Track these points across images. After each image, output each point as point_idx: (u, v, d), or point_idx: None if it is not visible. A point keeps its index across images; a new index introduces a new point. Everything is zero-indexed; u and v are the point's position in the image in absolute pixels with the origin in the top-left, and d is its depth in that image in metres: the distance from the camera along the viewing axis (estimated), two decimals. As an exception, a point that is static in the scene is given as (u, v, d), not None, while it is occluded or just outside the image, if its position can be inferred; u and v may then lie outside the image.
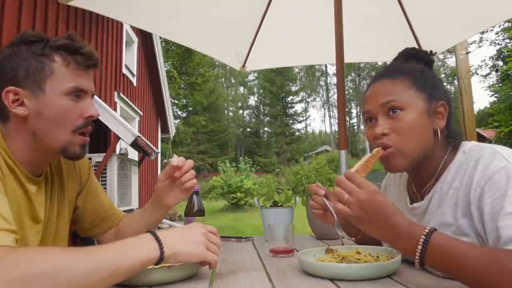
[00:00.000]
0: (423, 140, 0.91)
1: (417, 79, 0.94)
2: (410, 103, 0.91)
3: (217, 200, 15.96)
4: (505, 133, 9.99)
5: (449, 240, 0.72)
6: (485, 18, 2.28)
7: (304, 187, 1.54)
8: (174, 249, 0.81)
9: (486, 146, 0.87)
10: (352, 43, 2.22)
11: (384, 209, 0.76)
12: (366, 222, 0.77)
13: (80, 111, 0.93)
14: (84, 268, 0.67)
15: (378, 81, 0.97)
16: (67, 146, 0.93)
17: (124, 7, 2.14)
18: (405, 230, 0.74)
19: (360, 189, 0.78)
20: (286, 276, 0.92)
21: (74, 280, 0.66)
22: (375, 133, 0.93)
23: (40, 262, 0.65)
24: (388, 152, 0.91)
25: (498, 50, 18.00)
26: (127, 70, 6.95)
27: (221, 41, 2.60)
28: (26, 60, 0.89)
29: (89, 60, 0.95)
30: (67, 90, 0.91)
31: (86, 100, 0.95)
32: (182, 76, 19.97)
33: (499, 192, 0.76)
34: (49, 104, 0.89)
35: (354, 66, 40.06)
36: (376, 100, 0.94)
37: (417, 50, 1.06)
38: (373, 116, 0.95)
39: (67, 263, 0.67)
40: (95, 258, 0.70)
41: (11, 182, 0.88)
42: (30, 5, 3.31)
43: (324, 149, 33.92)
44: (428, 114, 0.92)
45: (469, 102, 3.77)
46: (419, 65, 0.99)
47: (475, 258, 0.68)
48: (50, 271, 0.64)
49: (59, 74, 0.91)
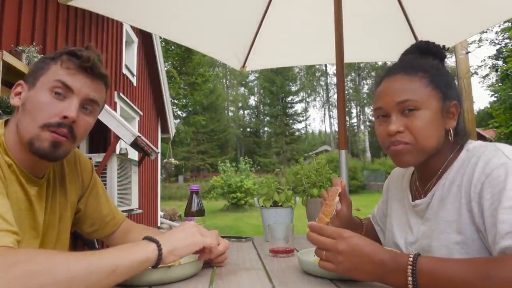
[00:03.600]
0: (435, 139, 0.91)
1: (433, 77, 0.92)
2: (425, 102, 0.90)
3: (217, 200, 15.96)
4: (505, 133, 9.99)
5: (436, 263, 0.71)
6: (485, 18, 2.27)
7: (304, 187, 1.54)
8: (172, 246, 0.82)
9: (489, 144, 0.88)
10: (352, 43, 2.22)
11: (364, 250, 0.75)
12: (354, 269, 0.75)
13: (58, 109, 0.90)
14: (83, 267, 0.68)
15: (394, 76, 0.95)
16: (33, 140, 0.89)
17: (124, 7, 2.14)
18: (391, 265, 0.73)
19: (334, 239, 0.78)
20: (286, 276, 0.92)
21: (73, 279, 0.66)
22: (389, 131, 0.92)
23: (40, 261, 0.65)
24: (401, 147, 0.91)
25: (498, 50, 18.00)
26: (127, 70, 6.95)
27: (221, 41, 2.60)
28: (40, 63, 0.96)
29: (84, 62, 0.93)
30: (51, 84, 0.92)
31: (70, 101, 0.91)
32: (182, 76, 19.96)
33: (498, 188, 0.77)
34: (32, 97, 0.92)
35: (354, 66, 40.03)
36: (391, 98, 0.92)
37: (430, 44, 1.01)
38: (387, 113, 0.94)
39: (67, 262, 0.67)
40: (95, 258, 0.70)
41: (12, 184, 0.88)
42: (30, 5, 3.31)
43: (324, 149, 33.91)
44: (441, 114, 0.92)
45: (469, 102, 3.78)
46: (435, 61, 0.97)
47: (465, 276, 0.67)
48: (50, 270, 0.65)
49: (51, 71, 0.93)
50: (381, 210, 1.25)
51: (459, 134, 0.97)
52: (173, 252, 0.82)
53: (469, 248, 0.84)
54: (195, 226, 0.90)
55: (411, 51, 1.03)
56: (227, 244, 1.03)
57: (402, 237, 1.04)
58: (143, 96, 8.26)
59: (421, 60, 0.97)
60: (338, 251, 0.76)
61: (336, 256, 0.76)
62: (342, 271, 0.76)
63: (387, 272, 0.73)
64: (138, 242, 0.80)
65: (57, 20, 3.83)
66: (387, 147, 0.95)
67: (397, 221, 1.09)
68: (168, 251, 0.80)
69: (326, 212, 0.92)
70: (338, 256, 0.76)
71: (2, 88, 2.35)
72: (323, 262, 0.79)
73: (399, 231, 1.06)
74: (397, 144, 0.92)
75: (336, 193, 0.97)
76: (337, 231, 0.78)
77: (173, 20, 2.35)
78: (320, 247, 0.80)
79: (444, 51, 1.01)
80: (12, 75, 2.48)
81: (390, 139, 0.93)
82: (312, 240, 0.82)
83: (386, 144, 0.95)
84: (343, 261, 0.76)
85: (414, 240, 0.98)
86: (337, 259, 0.76)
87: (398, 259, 0.73)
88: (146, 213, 7.93)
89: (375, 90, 1.01)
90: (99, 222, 1.17)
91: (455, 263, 0.70)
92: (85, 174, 1.16)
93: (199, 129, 32.67)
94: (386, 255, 0.74)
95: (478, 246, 0.83)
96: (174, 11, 2.25)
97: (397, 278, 0.72)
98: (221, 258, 1.03)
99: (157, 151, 4.55)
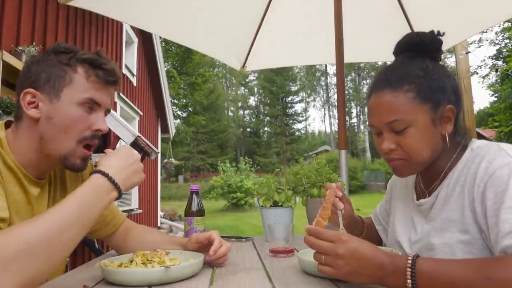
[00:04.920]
0: (430, 151, 0.91)
1: (420, 89, 0.89)
2: (414, 118, 0.88)
3: (217, 200, 15.96)
4: (505, 132, 10.00)
5: (435, 265, 0.71)
6: (485, 18, 2.28)
7: (304, 187, 1.54)
8: (125, 184, 0.89)
9: (493, 144, 0.88)
10: (352, 43, 2.22)
11: (363, 253, 0.74)
12: (353, 273, 0.75)
13: (90, 123, 0.94)
14: (55, 232, 0.72)
15: (380, 91, 0.92)
16: (68, 155, 0.93)
17: (124, 7, 2.14)
18: (391, 267, 0.72)
19: (333, 243, 0.77)
20: (286, 276, 0.92)
21: (49, 246, 0.71)
22: (382, 149, 0.94)
23: (14, 243, 0.68)
24: (397, 163, 0.94)
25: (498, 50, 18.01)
26: (127, 70, 6.94)
27: (221, 41, 2.60)
28: (50, 67, 0.93)
29: (110, 76, 0.96)
30: (82, 100, 0.92)
31: (98, 114, 0.96)
32: (182, 76, 19.94)
33: (501, 187, 0.77)
34: (61, 111, 0.91)
35: (354, 66, 40.04)
36: (380, 118, 0.92)
37: (422, 36, 0.94)
38: (379, 130, 0.95)
39: (39, 235, 0.71)
40: (62, 220, 0.75)
41: (11, 185, 0.89)
42: (30, 5, 3.31)
43: (324, 149, 33.89)
44: (434, 124, 0.90)
45: (469, 102, 3.78)
46: (424, 64, 0.92)
47: (464, 276, 0.67)
48: (25, 249, 0.68)
49: (78, 84, 0.92)
50: (384, 209, 1.25)
51: (459, 133, 0.97)
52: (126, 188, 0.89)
53: (472, 247, 0.84)
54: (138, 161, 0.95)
55: (403, 48, 0.99)
56: (228, 246, 1.05)
57: (405, 236, 1.04)
58: (143, 96, 8.25)
59: (407, 66, 0.93)
60: (337, 255, 0.75)
61: (335, 260, 0.76)
62: (342, 275, 0.76)
63: (387, 275, 0.73)
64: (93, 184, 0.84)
65: (57, 20, 3.83)
66: (385, 159, 0.98)
67: (400, 219, 1.09)
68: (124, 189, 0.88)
69: (323, 215, 0.91)
70: (337, 260, 0.75)
71: (2, 88, 2.35)
72: (322, 267, 0.78)
73: (402, 229, 1.06)
74: (393, 161, 0.94)
75: (332, 196, 0.97)
76: (335, 235, 0.78)
77: (173, 20, 2.35)
78: (319, 251, 0.79)
79: (438, 42, 0.94)
80: (12, 75, 2.48)
81: (385, 156, 0.96)
82: (310, 244, 0.81)
83: (384, 157, 0.98)
84: (342, 265, 0.75)
85: (417, 239, 0.98)
86: (336, 263, 0.76)
87: (397, 261, 0.73)
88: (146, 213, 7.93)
89: (367, 102, 0.99)
90: (100, 222, 1.17)
91: (454, 264, 0.70)
92: (85, 174, 1.16)
93: (199, 129, 32.65)
94: (385, 257, 0.74)
95: (481, 246, 0.83)
96: (174, 11, 2.25)
97: (396, 280, 0.72)
98: (222, 259, 1.05)
99: (157, 151, 4.54)
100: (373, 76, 1.02)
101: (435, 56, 0.95)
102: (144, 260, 0.94)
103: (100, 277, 0.93)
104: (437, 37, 0.95)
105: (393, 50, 1.03)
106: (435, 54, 0.95)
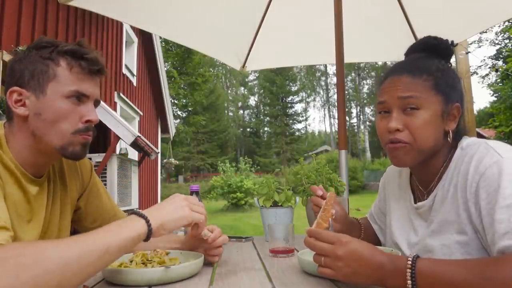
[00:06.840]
0: (433, 140, 0.92)
1: (438, 81, 0.92)
2: (427, 103, 0.91)
3: (217, 200, 15.95)
4: (505, 132, 10.00)
5: (435, 265, 0.71)
6: (485, 18, 2.28)
7: (304, 187, 1.54)
8: (160, 220, 0.82)
9: (481, 142, 0.89)
10: (352, 43, 2.22)
11: (363, 254, 0.74)
12: (353, 274, 0.75)
13: (79, 114, 0.93)
14: (74, 252, 0.67)
15: (398, 75, 0.95)
16: (66, 145, 0.93)
17: (124, 7, 2.15)
18: (390, 268, 0.72)
19: (332, 244, 0.77)
20: (286, 276, 0.92)
21: (65, 265, 0.66)
22: (388, 127, 0.93)
23: (29, 253, 0.65)
24: (399, 145, 0.92)
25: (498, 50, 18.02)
26: (127, 70, 6.95)
27: (221, 41, 2.60)
28: (33, 63, 0.92)
29: (94, 66, 0.95)
30: (67, 93, 0.92)
31: (87, 105, 0.95)
32: (182, 76, 19.97)
33: (493, 186, 0.78)
34: (48, 106, 0.90)
35: (354, 66, 40.03)
36: (395, 92, 0.93)
37: (439, 40, 1.00)
38: (389, 108, 0.95)
39: (57, 250, 0.67)
40: (85, 242, 0.70)
41: (9, 186, 0.88)
42: (30, 5, 3.31)
43: (324, 149, 33.90)
44: (442, 116, 0.92)
45: (469, 102, 3.78)
46: (441, 62, 0.97)
47: (464, 277, 0.67)
48: (40, 260, 0.64)
49: (62, 78, 0.92)
50: (378, 208, 1.25)
51: (459, 134, 0.97)
52: (162, 227, 0.82)
53: (469, 247, 0.84)
54: (184, 199, 0.90)
55: (419, 48, 1.03)
56: (225, 238, 1.06)
57: (403, 237, 1.04)
58: (143, 96, 8.26)
59: (426, 61, 0.97)
60: (337, 257, 0.75)
61: (335, 262, 0.76)
62: (342, 277, 0.76)
63: (387, 276, 0.73)
64: (127, 218, 0.80)
65: (57, 20, 3.83)
66: (386, 143, 0.96)
67: (397, 221, 1.09)
68: (157, 226, 0.81)
69: (324, 217, 0.91)
70: (337, 262, 0.75)
71: (2, 88, 2.35)
72: (322, 269, 0.78)
73: (399, 231, 1.06)
74: (396, 142, 0.93)
75: (333, 198, 0.97)
76: (335, 236, 0.78)
77: (173, 20, 2.35)
78: (319, 253, 0.79)
79: (452, 48, 1.00)
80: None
81: (389, 136, 0.94)
82: (309, 245, 0.81)
83: (384, 140, 0.96)
84: (342, 267, 0.75)
85: (417, 241, 0.99)
86: (336, 265, 0.75)
87: (396, 262, 0.73)
88: (146, 213, 7.92)
89: (379, 87, 1.01)
90: (101, 218, 1.17)
91: (454, 265, 0.70)
92: (85, 172, 1.16)
93: (199, 129, 32.64)
94: (385, 258, 0.74)
95: (478, 246, 0.84)
96: (174, 11, 2.25)
97: (396, 281, 0.72)
98: (217, 251, 1.04)
99: (157, 151, 4.55)
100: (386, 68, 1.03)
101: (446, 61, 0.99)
102: (144, 260, 0.95)
103: (100, 277, 0.93)
104: (451, 46, 1.00)
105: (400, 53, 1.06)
106: (446, 59, 1.00)
